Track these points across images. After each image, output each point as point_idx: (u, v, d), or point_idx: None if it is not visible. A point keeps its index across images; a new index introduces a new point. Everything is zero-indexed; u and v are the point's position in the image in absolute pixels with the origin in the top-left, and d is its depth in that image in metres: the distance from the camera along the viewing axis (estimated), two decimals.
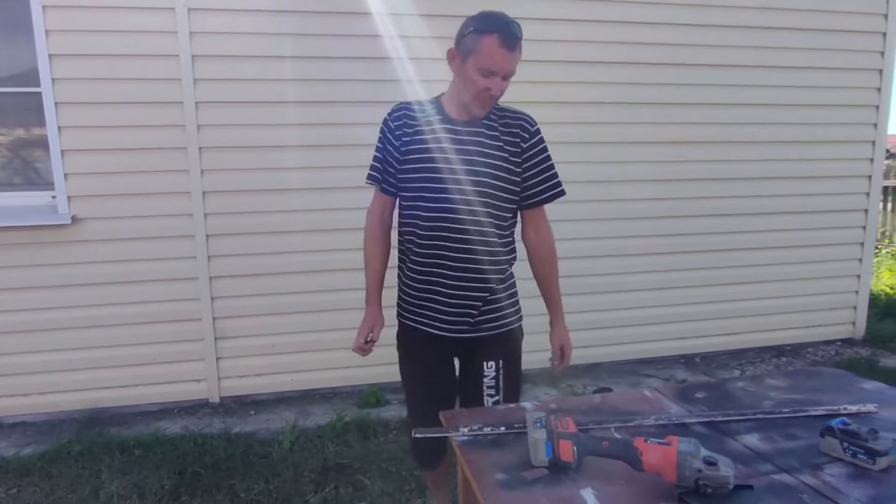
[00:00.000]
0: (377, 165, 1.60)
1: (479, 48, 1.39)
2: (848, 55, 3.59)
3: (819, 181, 3.71)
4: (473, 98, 1.45)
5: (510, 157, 1.51)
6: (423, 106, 1.55)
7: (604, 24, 3.26)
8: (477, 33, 1.40)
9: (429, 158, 1.50)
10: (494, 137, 1.50)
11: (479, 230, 1.52)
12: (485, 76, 1.41)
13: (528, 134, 1.54)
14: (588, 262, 3.46)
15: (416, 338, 1.64)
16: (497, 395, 1.61)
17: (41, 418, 2.96)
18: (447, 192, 1.49)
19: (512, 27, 1.39)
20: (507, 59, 1.39)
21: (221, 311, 3.07)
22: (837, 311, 3.92)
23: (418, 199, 1.53)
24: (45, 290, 2.89)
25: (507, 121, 1.53)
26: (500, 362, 1.61)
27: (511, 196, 1.55)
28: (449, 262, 1.54)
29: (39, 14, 2.67)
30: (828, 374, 1.62)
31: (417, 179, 1.52)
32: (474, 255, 1.53)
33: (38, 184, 2.99)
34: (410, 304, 1.64)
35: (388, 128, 1.56)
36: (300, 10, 2.93)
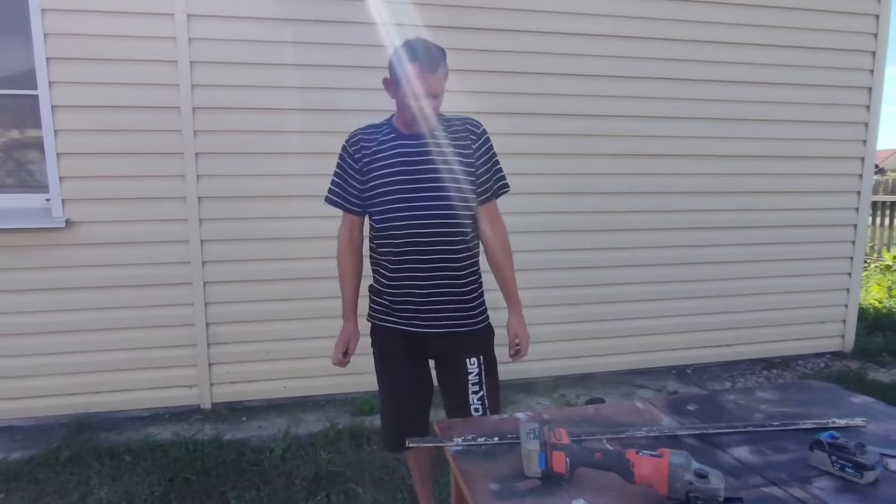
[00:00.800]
0: (336, 190, 1.73)
1: (404, 76, 1.56)
2: (837, 73, 3.65)
3: (809, 196, 3.76)
4: (412, 119, 1.61)
5: (464, 159, 1.65)
6: (377, 128, 1.71)
7: (608, 38, 3.30)
8: (401, 63, 1.56)
9: (392, 172, 1.63)
10: (446, 144, 1.65)
11: (450, 230, 1.65)
12: (417, 99, 1.56)
13: (475, 136, 1.68)
14: (580, 273, 3.48)
15: (392, 337, 1.74)
16: (481, 391, 1.70)
17: (30, 423, 2.93)
18: (416, 202, 1.62)
19: (430, 50, 1.56)
20: (433, 80, 1.55)
21: (215, 316, 3.06)
22: (827, 324, 3.97)
23: (389, 210, 1.64)
24: (36, 293, 2.87)
25: (455, 127, 1.67)
26: (480, 358, 1.71)
27: (471, 195, 1.67)
28: (423, 263, 1.65)
29: (38, 17, 2.67)
30: (817, 387, 1.64)
31: (386, 193, 1.64)
32: (447, 254, 1.66)
33: (32, 186, 2.98)
34: (387, 305, 1.73)
35: (348, 153, 1.70)
36: (298, 19, 2.94)
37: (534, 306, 3.45)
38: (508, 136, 3.02)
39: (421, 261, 1.65)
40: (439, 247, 1.65)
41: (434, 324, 1.68)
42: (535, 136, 3.28)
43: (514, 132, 3.16)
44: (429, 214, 1.62)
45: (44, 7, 2.67)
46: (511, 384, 3.32)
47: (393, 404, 1.83)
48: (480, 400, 1.69)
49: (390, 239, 1.66)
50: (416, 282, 1.67)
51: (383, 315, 1.75)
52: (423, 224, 1.62)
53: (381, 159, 1.65)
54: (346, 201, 1.72)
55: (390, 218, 1.64)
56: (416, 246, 1.64)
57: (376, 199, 1.65)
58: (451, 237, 1.65)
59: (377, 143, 1.67)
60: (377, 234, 1.70)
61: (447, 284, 1.68)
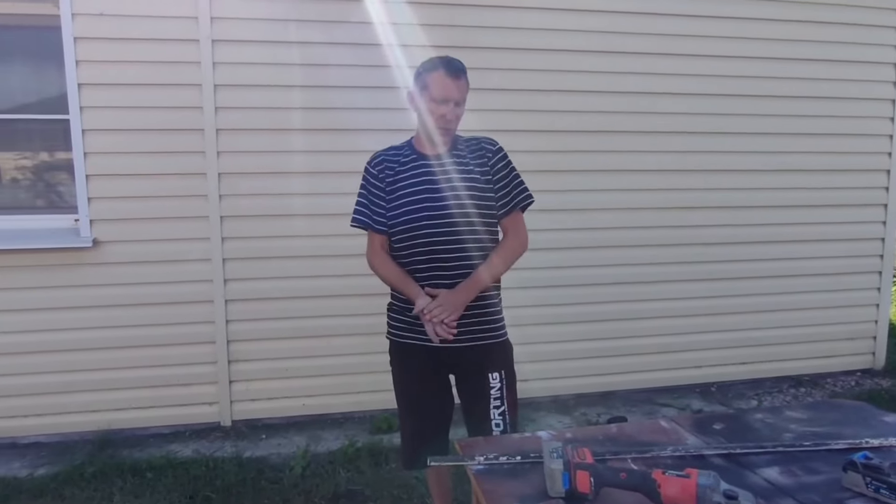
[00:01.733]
0: (363, 210, 1.76)
1: (429, 83, 1.64)
2: (860, 85, 3.61)
3: (835, 210, 3.69)
4: (434, 127, 1.66)
5: (482, 176, 1.70)
6: (398, 149, 1.77)
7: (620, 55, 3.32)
8: (426, 72, 1.66)
9: (415, 192, 1.68)
10: (466, 164, 1.71)
11: (472, 245, 1.68)
12: (438, 104, 1.63)
13: (491, 153, 1.73)
14: (602, 290, 3.45)
15: (414, 353, 1.74)
16: (502, 406, 1.71)
17: (55, 439, 2.98)
18: (442, 220, 1.66)
19: (453, 62, 1.65)
20: (454, 86, 1.63)
21: (236, 334, 3.09)
22: (856, 340, 3.86)
23: (414, 229, 1.67)
24: (63, 311, 2.94)
25: (472, 147, 1.74)
26: (502, 373, 1.72)
27: (491, 210, 1.72)
28: (447, 280, 1.67)
29: (71, 45, 2.77)
30: (849, 406, 1.59)
31: (410, 212, 1.67)
32: (470, 269, 1.68)
33: (60, 207, 3.07)
34: (409, 322, 1.73)
35: (371, 174, 1.75)
36: (322, 42, 3.01)
37: (553, 323, 3.47)
38: (527, 153, 3.04)
39: (446, 276, 1.67)
40: (463, 262, 1.67)
41: (457, 338, 1.67)
42: (554, 154, 3.29)
43: (533, 149, 3.17)
44: (453, 232, 1.66)
45: (77, 35, 2.78)
46: (530, 402, 3.28)
47: (413, 421, 1.82)
48: (501, 415, 1.69)
49: (415, 256, 1.69)
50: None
51: (405, 332, 1.76)
52: (448, 241, 1.66)
53: (404, 179, 1.70)
54: (372, 221, 1.74)
55: (416, 236, 1.67)
56: (440, 262, 1.67)
57: (401, 217, 1.68)
58: (474, 252, 1.68)
59: (399, 163, 1.72)
60: (402, 253, 1.72)
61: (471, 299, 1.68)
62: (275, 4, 2.95)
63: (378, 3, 2.98)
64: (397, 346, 1.79)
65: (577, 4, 3.22)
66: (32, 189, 3.11)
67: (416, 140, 1.76)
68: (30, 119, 3.03)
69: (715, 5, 3.37)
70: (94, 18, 2.79)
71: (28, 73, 3.03)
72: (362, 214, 1.76)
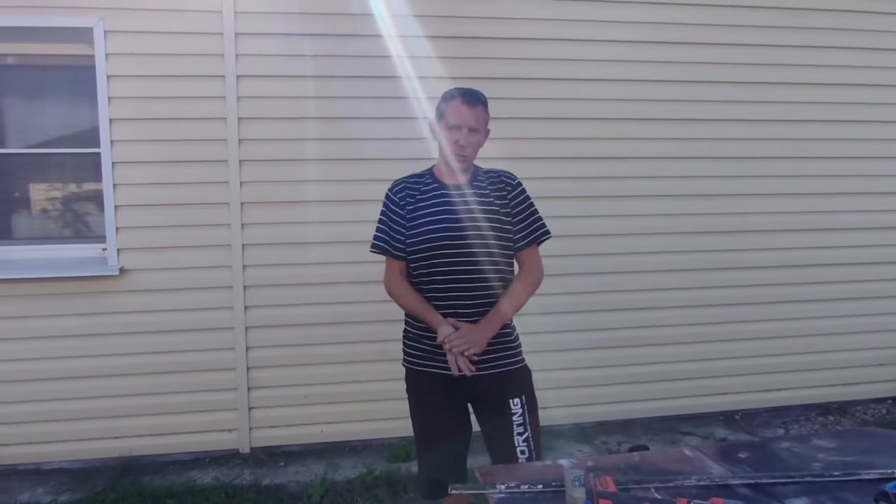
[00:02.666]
0: (382, 236, 1.78)
1: (446, 111, 1.71)
2: (886, 109, 3.57)
3: (861, 233, 3.63)
4: (451, 153, 1.70)
5: (501, 208, 1.74)
6: (420, 178, 1.80)
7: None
8: (444, 101, 1.73)
9: (436, 220, 1.71)
10: (485, 195, 1.74)
11: (492, 275, 1.71)
12: (453, 130, 1.68)
13: (510, 187, 1.78)
14: (623, 315, 3.42)
15: (431, 382, 1.75)
16: (526, 432, 1.70)
17: (78, 465, 3.01)
18: (462, 248, 1.68)
19: (471, 91, 1.72)
20: (469, 113, 1.67)
21: (256, 360, 3.12)
22: (886, 367, 3.75)
23: (436, 258, 1.69)
24: (87, 338, 3.00)
25: (492, 179, 1.79)
26: (523, 398, 1.72)
27: (509, 242, 1.75)
28: (466, 308, 1.70)
29: (104, 83, 2.90)
30: (879, 434, 1.56)
31: (431, 241, 1.70)
32: (489, 297, 1.71)
33: (87, 237, 3.16)
34: (427, 350, 1.74)
35: (392, 201, 1.78)
36: (340, 76, 3.10)
37: (570, 350, 3.44)
38: (544, 180, 3.07)
39: (465, 305, 1.70)
40: (482, 291, 1.70)
41: (477, 366, 1.68)
42: (571, 180, 3.31)
43: (551, 175, 3.21)
44: (472, 261, 1.69)
45: (109, 74, 2.91)
46: (549, 430, 3.23)
47: (431, 450, 1.81)
48: (526, 441, 1.68)
49: (434, 285, 1.71)
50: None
51: (421, 359, 1.77)
52: (467, 270, 1.69)
53: (425, 207, 1.73)
54: (392, 247, 1.77)
55: (435, 264, 1.70)
56: (459, 291, 1.69)
57: (421, 245, 1.71)
58: (492, 282, 1.71)
59: (420, 192, 1.76)
60: (420, 280, 1.74)
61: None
62: (300, 41, 3.05)
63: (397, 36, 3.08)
64: (413, 374, 1.80)
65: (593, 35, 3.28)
66: (61, 219, 3.22)
67: (437, 169, 1.80)
68: (63, 153, 3.16)
69: (721, 32, 3.40)
70: (126, 57, 2.92)
71: (62, 108, 3.16)
72: (382, 241, 1.79)
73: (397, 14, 3.05)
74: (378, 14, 3.05)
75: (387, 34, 3.06)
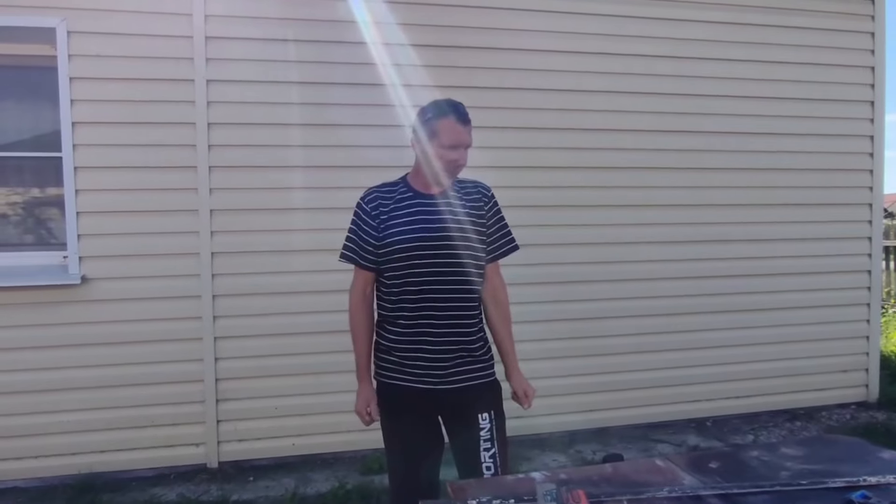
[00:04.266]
0: (352, 246, 1.75)
1: (439, 129, 1.64)
2: (840, 122, 3.72)
3: (821, 242, 3.75)
4: (444, 170, 1.67)
5: (477, 219, 1.73)
6: (392, 186, 1.76)
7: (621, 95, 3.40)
8: (436, 118, 1.65)
9: (410, 230, 1.67)
10: (461, 205, 1.72)
11: (464, 286, 1.69)
12: (452, 150, 1.64)
13: (486, 199, 1.78)
14: (595, 324, 3.44)
15: (402, 395, 1.71)
16: (493, 448, 1.67)
17: (34, 483, 2.87)
18: (434, 258, 1.66)
19: (460, 107, 1.67)
20: (464, 132, 1.65)
21: (224, 371, 3.04)
22: (850, 373, 3.86)
23: (407, 267, 1.66)
24: (48, 349, 2.88)
25: (468, 189, 1.76)
26: (492, 413, 1.70)
27: (481, 253, 1.74)
28: (438, 319, 1.67)
29: (66, 85, 2.81)
30: (845, 442, 1.58)
31: (404, 250, 1.66)
32: (460, 310, 1.69)
33: (50, 243, 3.05)
34: (396, 363, 1.72)
35: (364, 210, 1.73)
36: (313, 82, 3.07)
37: (546, 358, 3.44)
38: (520, 189, 3.08)
39: (436, 317, 1.67)
40: (454, 303, 1.68)
41: (447, 379, 1.67)
42: (549, 189, 3.33)
43: (526, 185, 3.22)
44: (446, 272, 1.66)
45: (72, 76, 2.81)
46: (525, 440, 3.23)
47: (403, 464, 1.77)
48: (492, 458, 1.66)
49: (406, 295, 1.68)
50: (430, 337, 1.67)
51: (391, 373, 1.73)
52: (440, 280, 1.66)
53: (399, 216, 1.69)
54: (360, 258, 1.73)
55: (408, 274, 1.66)
56: (432, 302, 1.67)
57: (393, 255, 1.67)
58: (465, 293, 1.69)
59: (394, 200, 1.71)
60: (391, 291, 1.71)
61: (459, 340, 1.69)
62: (272, 45, 3.01)
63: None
64: (383, 387, 1.76)
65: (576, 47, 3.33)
66: (22, 225, 3.10)
67: (412, 177, 1.75)
68: (22, 156, 3.04)
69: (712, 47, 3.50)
70: (90, 59, 2.83)
71: (22, 111, 3.05)
72: (351, 251, 1.75)
73: (376, 21, 3.05)
74: (360, 21, 3.04)
75: (366, 41, 3.06)
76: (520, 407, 1.79)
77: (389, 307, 1.72)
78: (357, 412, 1.76)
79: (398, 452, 1.77)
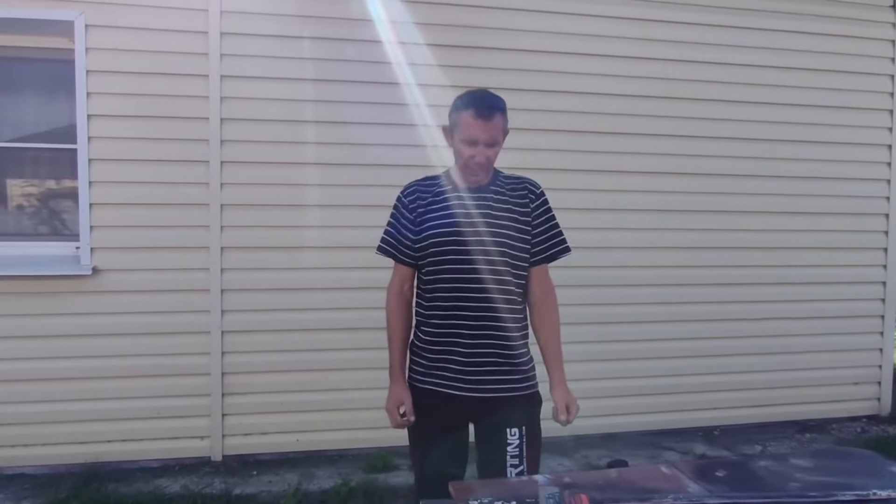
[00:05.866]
0: (389, 240, 1.67)
1: (459, 122, 1.56)
2: (857, 131, 3.66)
3: (835, 252, 3.69)
4: (464, 167, 1.59)
5: (521, 217, 1.62)
6: (433, 180, 1.69)
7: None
8: (457, 110, 1.57)
9: (447, 224, 1.59)
10: (504, 202, 1.62)
11: (500, 288, 1.59)
12: (469, 146, 1.55)
13: (534, 196, 1.67)
14: (605, 329, 3.42)
15: (431, 400, 1.63)
16: (521, 465, 1.58)
17: (42, 471, 2.90)
18: (469, 255, 1.57)
19: (488, 99, 1.56)
20: (484, 128, 1.53)
21: (231, 366, 3.05)
22: (861, 385, 3.79)
23: (441, 264, 1.59)
24: (57, 339, 2.91)
25: (513, 185, 1.67)
26: (523, 429, 1.60)
27: (525, 255, 1.63)
28: (471, 320, 1.58)
29: (83, 78, 2.84)
30: (856, 455, 1.55)
31: (439, 244, 1.59)
32: (497, 312, 1.59)
33: (62, 234, 3.08)
34: (425, 365, 1.65)
35: (402, 204, 1.66)
36: (327, 79, 3.07)
37: None
38: None
39: (469, 317, 1.58)
40: (488, 304, 1.58)
41: (476, 387, 1.58)
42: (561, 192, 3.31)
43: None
44: (479, 269, 1.56)
45: (89, 69, 2.84)
46: None
47: (427, 470, 1.67)
48: (519, 475, 1.56)
49: (439, 293, 1.60)
50: (462, 339, 1.59)
51: (420, 375, 1.66)
52: (473, 279, 1.57)
53: (436, 210, 1.61)
54: (398, 251, 1.65)
55: (440, 271, 1.59)
56: (465, 301, 1.58)
57: (429, 249, 1.59)
58: (502, 295, 1.59)
59: (433, 194, 1.64)
60: (427, 288, 1.64)
61: (494, 345, 1.59)
62: (287, 42, 3.02)
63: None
64: (413, 391, 1.67)
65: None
66: (37, 216, 3.13)
67: (453, 171, 1.68)
68: (38, 148, 3.08)
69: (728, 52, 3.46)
70: (107, 53, 2.86)
71: (39, 103, 3.09)
72: (389, 244, 1.67)
73: (393, 20, 3.05)
74: (376, 20, 3.04)
75: (381, 39, 3.05)
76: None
77: (426, 305, 1.65)
78: (387, 410, 1.67)
79: (422, 460, 1.68)
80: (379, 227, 1.73)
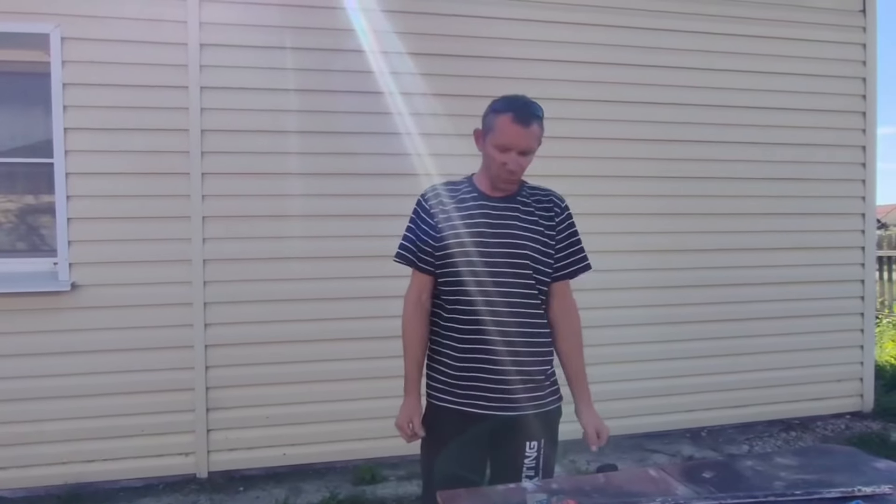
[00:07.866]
0: (409, 246, 1.59)
1: (495, 126, 1.49)
2: (833, 132, 3.74)
3: (815, 252, 3.75)
4: (496, 174, 1.52)
5: (545, 230, 1.56)
6: (456, 185, 1.61)
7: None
8: (494, 113, 1.50)
9: (470, 233, 1.52)
10: (529, 213, 1.56)
11: (526, 302, 1.54)
12: (502, 151, 1.48)
13: (559, 209, 1.61)
14: (588, 333, 3.39)
15: (449, 418, 1.56)
16: (535, 477, 1.55)
17: (19, 494, 2.82)
18: (492, 266, 1.51)
19: (528, 106, 1.49)
20: (521, 134, 1.47)
21: (216, 380, 3.00)
22: (844, 382, 3.85)
23: (462, 275, 1.52)
24: (36, 357, 2.84)
25: (539, 197, 1.60)
26: (542, 442, 1.57)
27: (548, 270, 1.58)
28: (496, 335, 1.52)
29: (59, 91, 2.79)
30: (839, 452, 1.57)
31: (460, 255, 1.52)
32: (522, 327, 1.53)
33: (41, 250, 3.02)
34: (446, 382, 1.58)
35: (423, 208, 1.59)
36: (307, 89, 3.06)
37: None
38: None
39: (494, 332, 1.51)
40: (515, 318, 1.52)
41: (501, 405, 1.52)
42: None
43: None
44: (505, 283, 1.50)
45: (65, 82, 2.80)
46: None
47: (438, 484, 1.57)
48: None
49: (460, 305, 1.53)
50: (487, 355, 1.52)
51: (440, 393, 1.58)
52: (496, 292, 1.50)
53: (459, 218, 1.53)
54: (417, 259, 1.57)
55: (462, 282, 1.51)
56: (489, 315, 1.50)
57: (448, 259, 1.52)
58: (529, 309, 1.53)
59: (456, 200, 1.56)
60: (446, 300, 1.56)
61: (520, 362, 1.53)
62: (266, 53, 3.01)
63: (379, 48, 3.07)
64: (431, 408, 1.61)
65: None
66: (14, 232, 3.07)
67: (478, 177, 1.60)
68: (14, 162, 3.02)
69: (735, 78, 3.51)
70: (83, 65, 2.82)
71: (14, 117, 3.04)
72: (408, 251, 1.58)
73: (375, 30, 3.05)
74: (358, 29, 3.04)
75: (364, 49, 3.05)
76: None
77: (445, 317, 1.57)
78: (398, 426, 1.59)
79: (436, 479, 1.60)
80: (362, 237, 1.71)
